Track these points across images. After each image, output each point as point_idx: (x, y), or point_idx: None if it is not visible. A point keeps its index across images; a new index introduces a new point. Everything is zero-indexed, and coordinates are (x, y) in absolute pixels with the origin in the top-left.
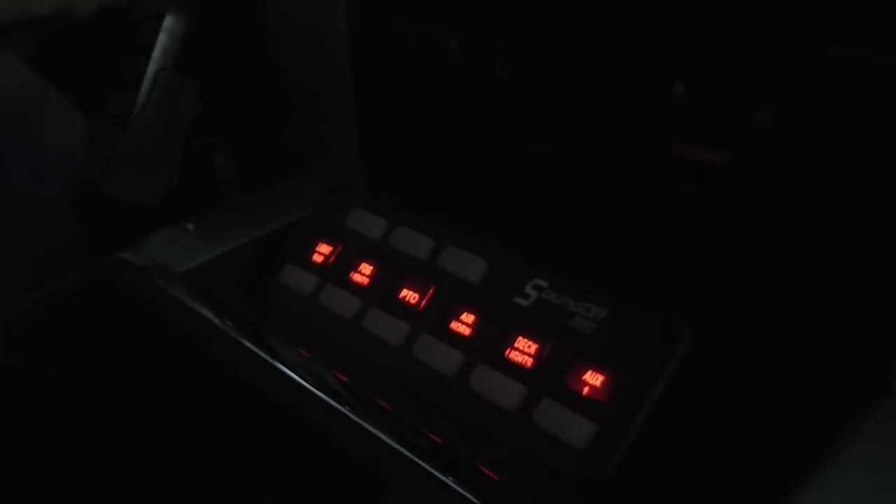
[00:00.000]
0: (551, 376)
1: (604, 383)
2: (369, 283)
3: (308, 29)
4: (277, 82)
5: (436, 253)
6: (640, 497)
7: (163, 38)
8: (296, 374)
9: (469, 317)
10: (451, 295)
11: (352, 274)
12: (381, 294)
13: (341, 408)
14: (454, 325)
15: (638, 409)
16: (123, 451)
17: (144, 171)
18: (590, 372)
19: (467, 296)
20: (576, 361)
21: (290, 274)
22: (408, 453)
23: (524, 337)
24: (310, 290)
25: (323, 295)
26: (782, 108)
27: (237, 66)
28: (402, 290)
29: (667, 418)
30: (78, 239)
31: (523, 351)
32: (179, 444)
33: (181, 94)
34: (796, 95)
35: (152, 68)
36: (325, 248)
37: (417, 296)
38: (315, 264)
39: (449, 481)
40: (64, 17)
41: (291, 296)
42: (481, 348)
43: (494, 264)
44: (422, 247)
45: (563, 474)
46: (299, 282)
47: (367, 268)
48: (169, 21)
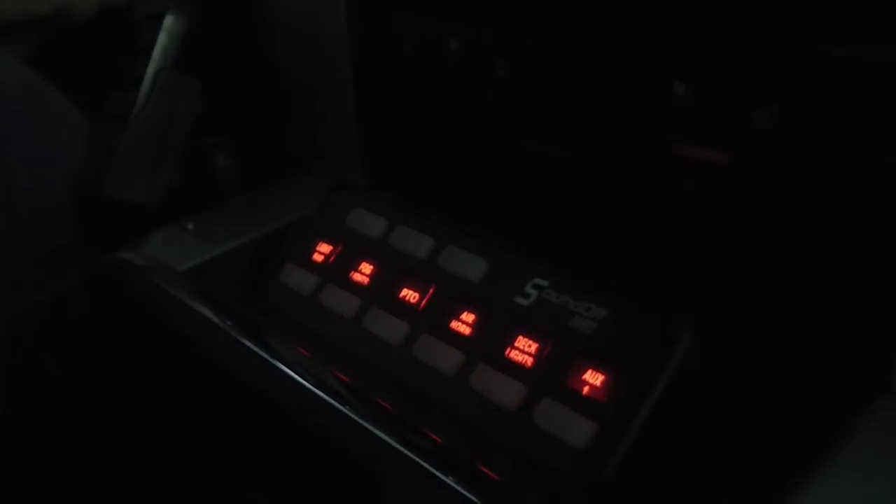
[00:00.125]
0: (551, 376)
1: (604, 383)
2: (369, 283)
3: (308, 28)
4: (277, 82)
5: (436, 252)
6: (640, 497)
7: (163, 38)
8: (296, 373)
9: (469, 316)
10: (452, 294)
11: (352, 273)
12: (382, 293)
13: (341, 407)
14: (454, 324)
15: (638, 408)
16: (124, 450)
17: (145, 170)
18: (590, 371)
19: (467, 295)
20: (576, 361)
21: (291, 273)
22: (408, 453)
23: (524, 336)
24: (310, 289)
25: (323, 294)
26: (782, 108)
27: (237, 66)
28: (402, 290)
29: (667, 418)
30: (78, 238)
31: (523, 350)
32: (180, 444)
33: (181, 93)
34: (796, 95)
35: (152, 68)
36: (325, 248)
37: (417, 295)
38: (315, 264)
39: (449, 481)
40: (64, 17)
41: (291, 295)
42: (481, 348)
43: (495, 264)
44: (422, 246)
45: (564, 474)
46: (299, 281)
47: (367, 267)
48: (169, 21)
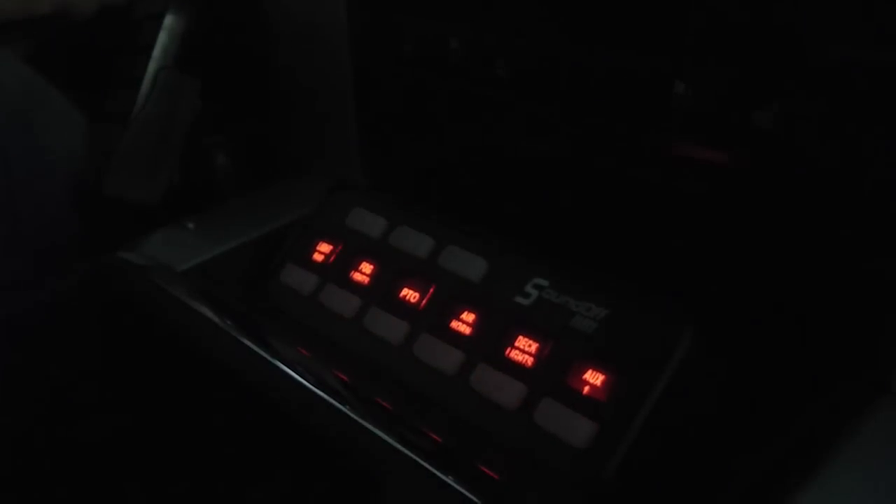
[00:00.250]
0: (552, 376)
1: (604, 383)
2: (370, 283)
3: (308, 28)
4: (278, 82)
5: (436, 252)
6: (640, 497)
7: (163, 38)
8: (296, 373)
9: (469, 316)
10: (452, 294)
11: (352, 273)
12: (382, 293)
13: (341, 407)
14: (454, 324)
15: (638, 408)
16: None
17: (145, 170)
18: (590, 371)
19: (468, 295)
20: (576, 361)
21: (291, 273)
22: (408, 453)
23: (525, 336)
24: (310, 289)
25: (323, 294)
26: (782, 107)
27: (237, 66)
28: (402, 290)
29: (667, 418)
30: (78, 238)
31: (524, 350)
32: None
33: (181, 93)
34: (796, 95)
35: (152, 67)
36: (325, 248)
37: (418, 295)
38: (315, 263)
39: (449, 481)
40: (64, 16)
41: (292, 295)
42: (482, 347)
43: (495, 263)
44: (422, 246)
45: (564, 474)
46: (300, 281)
47: (367, 267)
48: (169, 20)
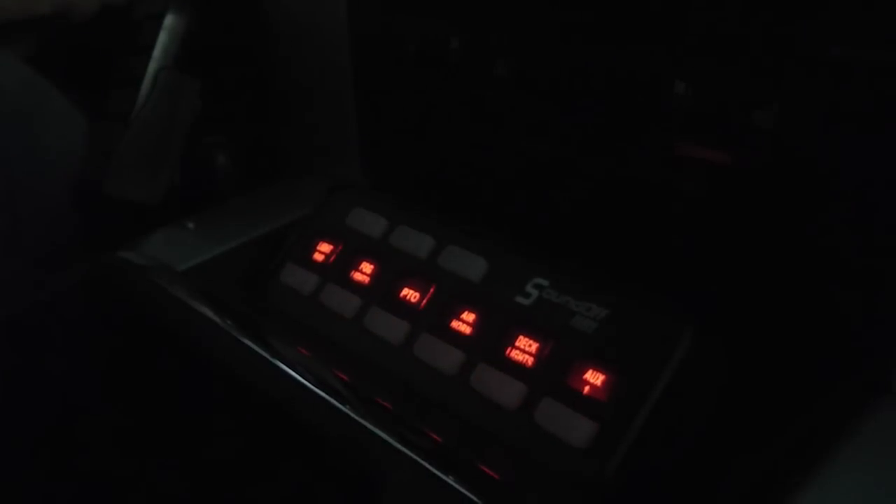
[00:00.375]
0: (552, 375)
1: (604, 383)
2: (370, 283)
3: (308, 28)
4: (278, 82)
5: (436, 252)
6: (641, 497)
7: (163, 38)
8: (296, 373)
9: (470, 316)
10: (452, 294)
11: (352, 273)
12: (382, 293)
13: (342, 407)
14: (455, 324)
15: (638, 408)
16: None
17: (145, 170)
18: (590, 371)
19: (468, 295)
20: (576, 361)
21: (291, 273)
22: (408, 452)
23: (525, 336)
24: (310, 289)
25: (323, 294)
26: (783, 107)
27: (237, 66)
28: (402, 290)
29: (667, 418)
30: (78, 238)
31: (524, 350)
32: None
33: (181, 93)
34: (796, 95)
35: (153, 67)
36: (325, 248)
37: (418, 295)
38: (316, 263)
39: (449, 481)
40: (65, 16)
41: (292, 295)
42: (482, 347)
43: (495, 263)
44: (422, 246)
45: (564, 474)
46: (300, 281)
47: (367, 267)
48: (169, 20)
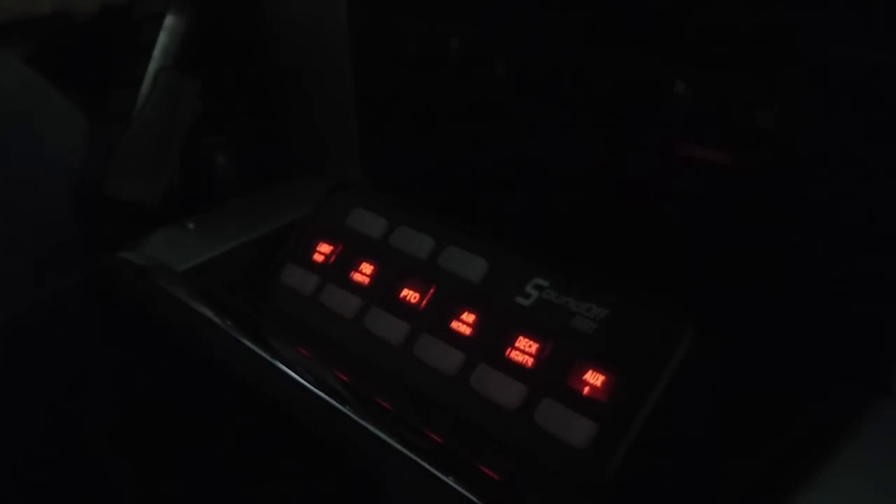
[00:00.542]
0: (552, 376)
1: (604, 383)
2: (370, 283)
3: (309, 28)
4: (278, 82)
5: (436, 252)
6: (641, 497)
7: (163, 38)
8: (296, 373)
9: (470, 316)
10: (452, 294)
11: (352, 273)
12: (382, 294)
13: (342, 407)
14: (455, 324)
15: (638, 408)
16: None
17: (145, 170)
18: (590, 372)
19: (468, 295)
20: (576, 361)
21: (291, 273)
22: (408, 453)
23: (525, 336)
24: (310, 289)
25: (323, 294)
26: (783, 107)
27: (237, 66)
28: (402, 290)
29: (667, 418)
30: (79, 238)
31: (524, 350)
32: (180, 444)
33: (181, 93)
34: (796, 95)
35: (153, 67)
36: (325, 248)
37: (418, 295)
38: (316, 264)
39: (449, 481)
40: (65, 16)
41: (292, 295)
42: (482, 348)
43: (495, 264)
44: (422, 246)
45: (564, 474)
46: (300, 281)
47: (367, 267)
48: (169, 20)
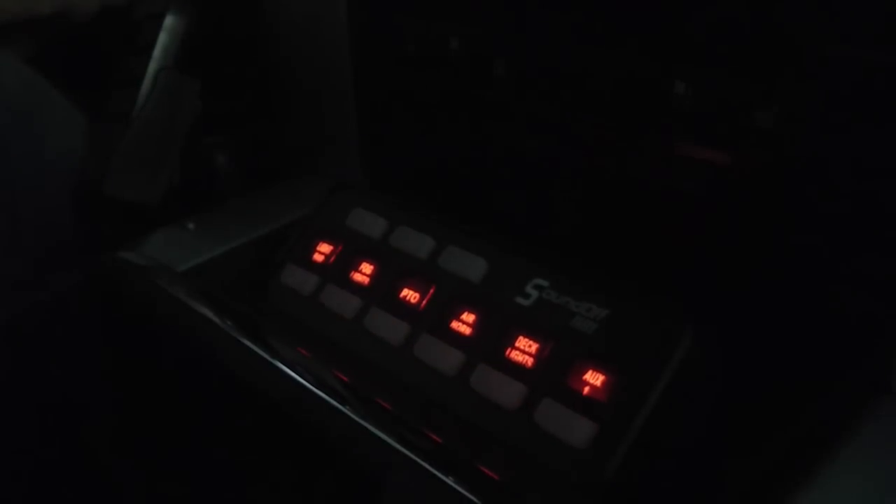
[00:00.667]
0: (552, 376)
1: (604, 383)
2: (370, 283)
3: (309, 28)
4: (278, 82)
5: (436, 252)
6: (641, 497)
7: (163, 38)
8: (296, 373)
9: (470, 316)
10: (452, 294)
11: (352, 273)
12: (382, 294)
13: (342, 407)
14: (455, 324)
15: (638, 408)
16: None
17: (145, 170)
18: (590, 372)
19: (468, 295)
20: (576, 361)
21: (291, 273)
22: (408, 453)
23: (525, 336)
24: (310, 289)
25: (323, 294)
26: (783, 107)
27: (237, 66)
28: (402, 290)
29: (667, 418)
30: (78, 238)
31: (524, 350)
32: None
33: (181, 93)
34: (796, 95)
35: (153, 67)
36: (325, 248)
37: (418, 295)
38: (316, 264)
39: (449, 481)
40: (65, 17)
41: (292, 295)
42: (482, 348)
43: (495, 264)
44: (422, 246)
45: (564, 474)
46: (300, 281)
47: (367, 267)
48: (169, 20)
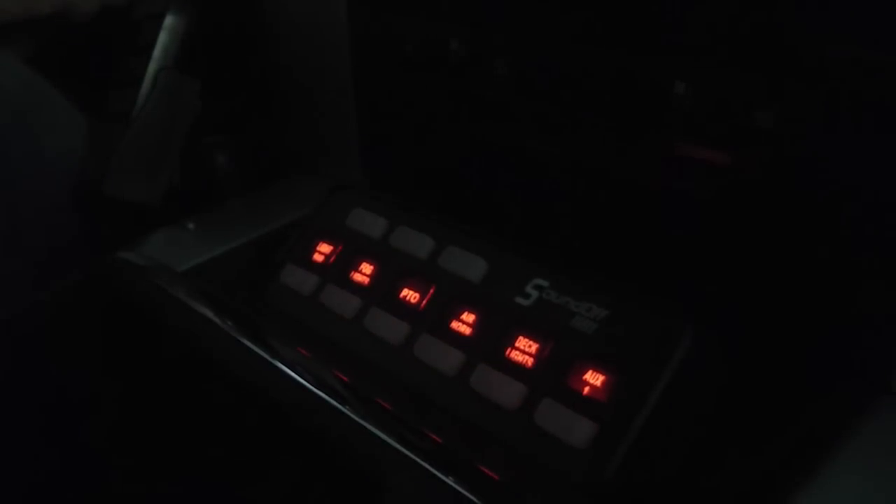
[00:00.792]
0: (552, 376)
1: (604, 383)
2: (370, 283)
3: (308, 28)
4: (278, 82)
5: (436, 252)
6: (641, 497)
7: (163, 38)
8: (296, 373)
9: (470, 316)
10: (452, 294)
11: (352, 273)
12: (382, 294)
13: (341, 407)
14: (455, 324)
15: (638, 409)
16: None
17: (145, 170)
18: (590, 372)
19: (468, 295)
20: (576, 361)
21: (291, 273)
22: (408, 453)
23: (525, 337)
24: (310, 289)
25: (323, 294)
26: (783, 107)
27: (237, 66)
28: (402, 290)
29: (667, 418)
30: (79, 238)
31: (524, 351)
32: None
33: (181, 93)
34: (796, 95)
35: (152, 67)
36: (325, 248)
37: (418, 295)
38: (315, 264)
39: (449, 481)
40: (65, 17)
41: (292, 295)
42: (482, 348)
43: (495, 264)
44: (422, 246)
45: (564, 474)
46: (300, 281)
47: (367, 267)
48: (169, 20)
